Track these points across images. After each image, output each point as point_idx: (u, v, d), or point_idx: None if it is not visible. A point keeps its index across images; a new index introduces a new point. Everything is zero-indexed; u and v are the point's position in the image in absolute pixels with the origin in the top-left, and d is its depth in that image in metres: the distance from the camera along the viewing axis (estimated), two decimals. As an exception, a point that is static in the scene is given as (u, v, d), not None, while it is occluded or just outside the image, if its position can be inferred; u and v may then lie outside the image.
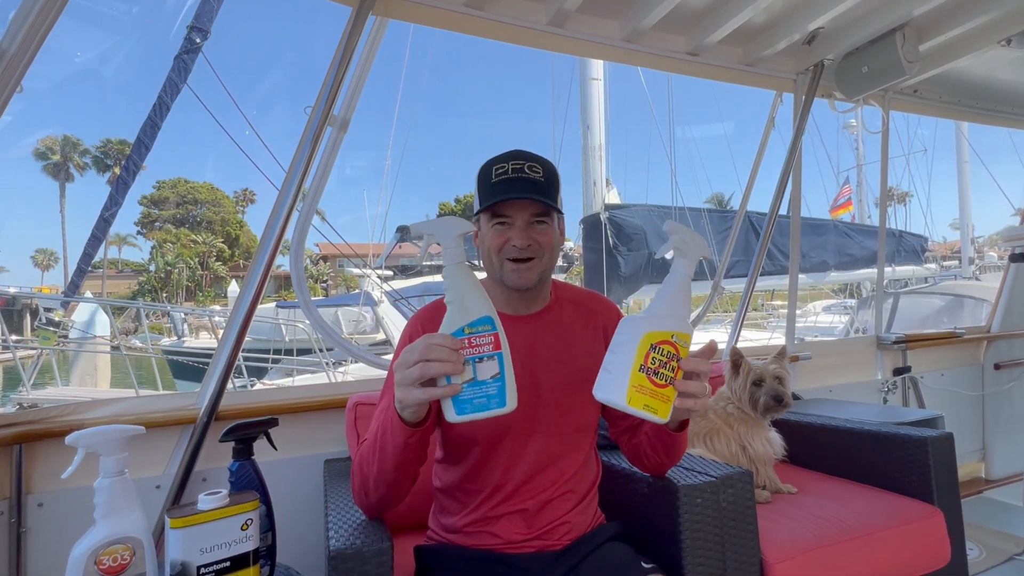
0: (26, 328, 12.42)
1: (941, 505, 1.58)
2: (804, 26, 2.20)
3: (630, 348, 0.83)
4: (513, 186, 1.04)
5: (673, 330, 0.84)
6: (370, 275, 7.74)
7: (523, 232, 1.06)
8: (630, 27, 2.11)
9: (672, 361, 0.84)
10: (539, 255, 1.08)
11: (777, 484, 1.72)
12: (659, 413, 0.84)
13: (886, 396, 3.01)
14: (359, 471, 1.01)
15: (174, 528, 0.86)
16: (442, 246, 0.86)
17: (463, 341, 0.83)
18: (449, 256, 0.85)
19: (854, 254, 8.58)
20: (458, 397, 0.82)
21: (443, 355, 0.81)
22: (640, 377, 0.83)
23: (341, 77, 1.75)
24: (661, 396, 0.84)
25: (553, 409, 1.11)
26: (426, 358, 0.81)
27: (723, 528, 1.21)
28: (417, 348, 0.82)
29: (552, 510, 1.11)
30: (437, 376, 0.81)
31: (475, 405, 0.83)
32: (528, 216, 1.07)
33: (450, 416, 0.83)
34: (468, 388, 0.82)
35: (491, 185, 1.06)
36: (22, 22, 1.28)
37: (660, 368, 0.83)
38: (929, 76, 2.63)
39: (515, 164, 1.07)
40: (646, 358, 0.83)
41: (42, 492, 1.48)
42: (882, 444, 1.72)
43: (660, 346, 0.83)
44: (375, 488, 1.00)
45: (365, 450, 0.99)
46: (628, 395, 0.82)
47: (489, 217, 1.08)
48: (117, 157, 43.06)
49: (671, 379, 0.84)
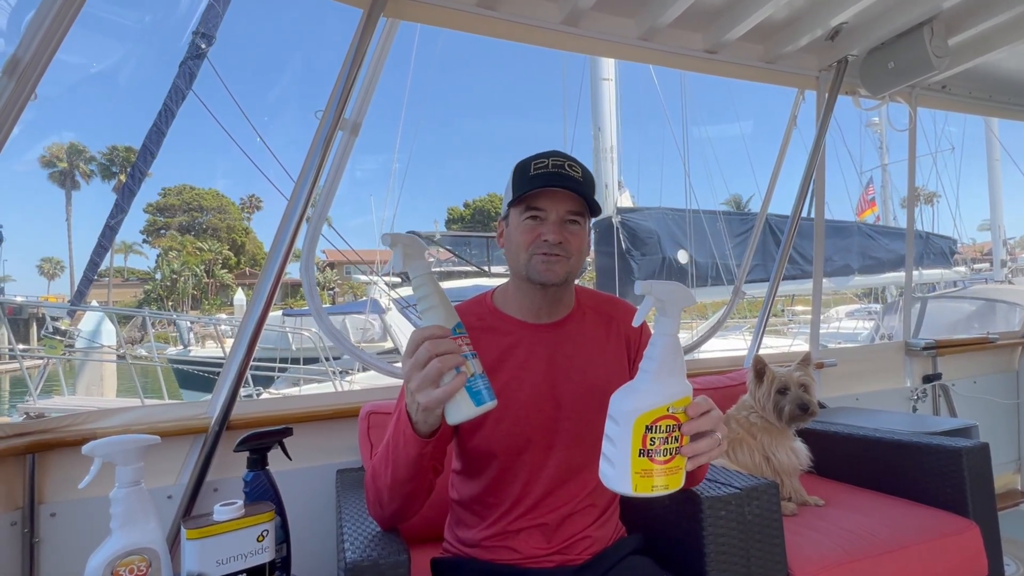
0: (32, 337, 12.61)
1: (976, 518, 1.56)
2: (827, 21, 2.19)
3: (624, 435, 0.78)
4: (551, 179, 1.05)
5: (667, 402, 0.79)
6: (377, 282, 7.78)
7: (557, 227, 1.06)
8: (646, 25, 2.12)
9: (673, 433, 0.79)
10: (568, 254, 1.08)
11: (803, 496, 1.71)
12: (671, 486, 0.79)
13: (915, 404, 2.97)
14: (372, 483, 1.02)
15: (191, 539, 0.87)
16: (412, 256, 0.86)
17: (458, 339, 0.83)
18: (424, 267, 0.86)
19: (879, 257, 8.49)
20: (470, 388, 0.82)
21: (451, 347, 0.81)
22: (642, 463, 0.78)
23: (352, 80, 1.77)
24: (668, 471, 0.79)
25: (574, 421, 1.11)
26: (438, 352, 0.80)
27: (748, 542, 1.20)
28: (424, 346, 0.80)
29: (572, 524, 1.11)
30: (453, 367, 0.81)
31: (484, 395, 0.83)
32: (563, 212, 1.06)
33: (465, 412, 0.82)
34: (473, 380, 0.82)
35: (529, 177, 1.06)
36: (36, 30, 1.31)
37: (661, 446, 0.78)
38: (958, 71, 2.60)
39: (555, 160, 1.07)
40: (644, 441, 0.78)
41: (55, 502, 1.50)
42: (913, 455, 1.70)
43: (656, 424, 0.78)
44: (389, 500, 1.00)
45: (378, 462, 0.99)
46: (633, 483, 0.78)
47: (522, 211, 1.08)
48: (123, 164, 43.74)
49: (676, 450, 0.79)
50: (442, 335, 0.81)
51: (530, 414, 1.09)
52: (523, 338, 1.13)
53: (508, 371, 1.10)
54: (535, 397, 1.10)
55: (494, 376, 1.09)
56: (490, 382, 0.85)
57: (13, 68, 1.30)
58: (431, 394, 0.81)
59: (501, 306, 1.17)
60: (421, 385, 0.81)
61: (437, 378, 0.80)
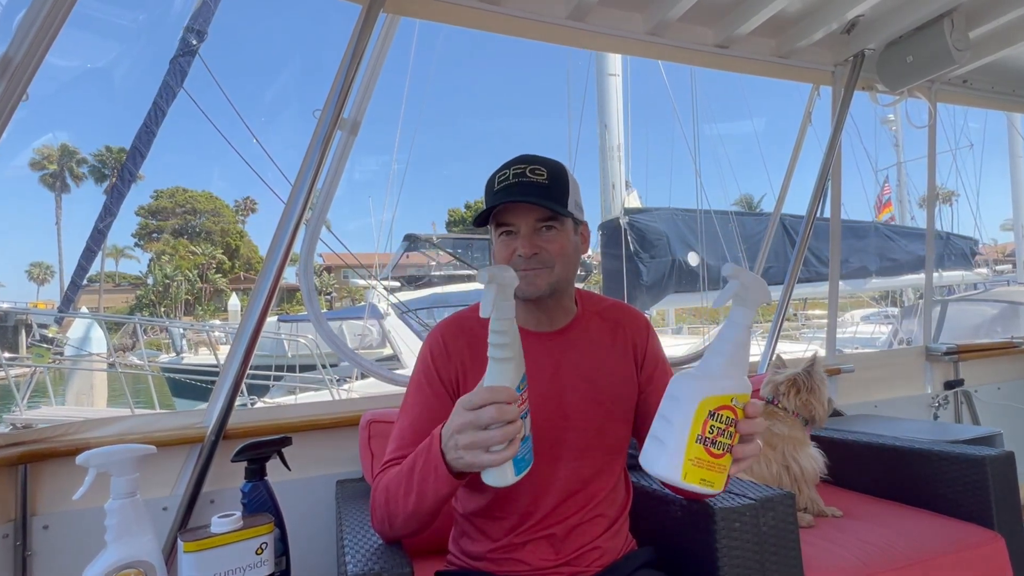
0: (21, 345, 12.67)
1: (1002, 530, 1.55)
2: (843, 14, 2.19)
3: (686, 416, 0.77)
4: (512, 191, 1.05)
5: (733, 392, 0.78)
6: (376, 286, 7.78)
7: (528, 239, 1.06)
8: (655, 19, 2.13)
9: (730, 427, 0.78)
10: (548, 263, 1.07)
11: (821, 506, 1.70)
12: (715, 485, 0.78)
13: (937, 412, 2.96)
14: (385, 505, 1.00)
15: (188, 552, 0.87)
16: (504, 297, 0.81)
17: (520, 398, 0.81)
18: (509, 309, 0.82)
19: (897, 258, 8.46)
20: (517, 456, 0.81)
21: (514, 415, 0.79)
22: (697, 449, 0.77)
23: (351, 78, 1.78)
24: (718, 467, 0.78)
25: (582, 431, 1.11)
26: (502, 419, 0.78)
27: (764, 554, 1.19)
28: (490, 410, 0.79)
29: (581, 535, 1.11)
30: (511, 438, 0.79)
31: (526, 462, 0.83)
32: (532, 222, 1.06)
33: (505, 479, 0.81)
34: (522, 445, 0.81)
35: (493, 193, 1.07)
36: (27, 29, 1.33)
37: (719, 437, 0.77)
38: (980, 65, 2.60)
39: (516, 169, 1.07)
40: (704, 427, 0.77)
41: (47, 514, 1.51)
42: (935, 464, 1.70)
43: (719, 412, 0.77)
44: (404, 524, 0.99)
45: (396, 488, 0.97)
46: (684, 470, 0.76)
47: (495, 228, 1.09)
48: (115, 166, 43.95)
49: (729, 446, 0.79)
50: (511, 400, 0.79)
51: (536, 425, 1.09)
52: (527, 347, 1.12)
53: None
54: (541, 408, 1.10)
55: None
56: None
57: (4, 68, 1.32)
58: (480, 457, 0.80)
59: None
60: (472, 446, 0.80)
61: (498, 444, 0.79)
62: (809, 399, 1.78)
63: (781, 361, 1.95)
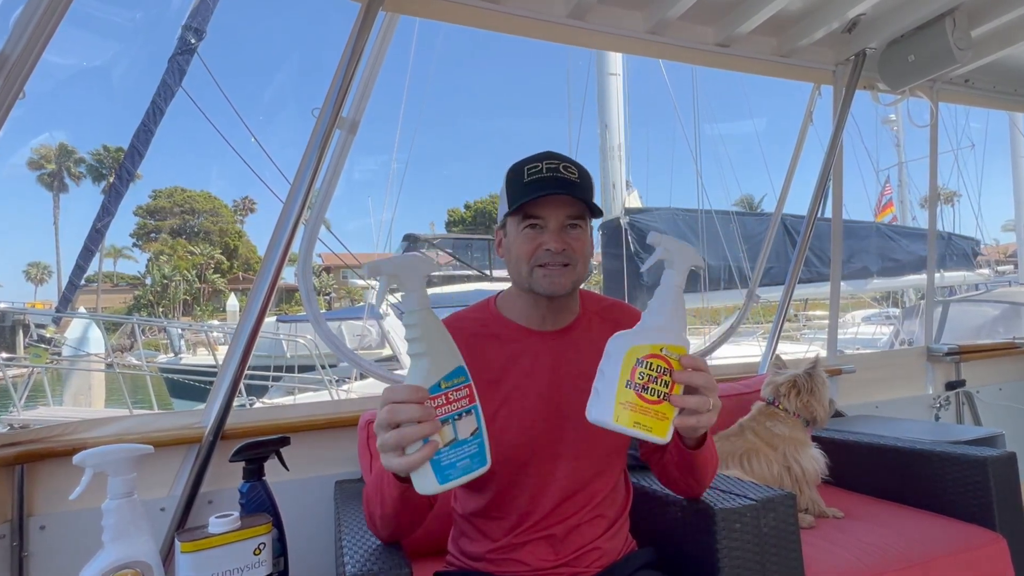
0: (18, 345, 12.68)
1: (1004, 531, 1.55)
2: (844, 13, 2.19)
3: (615, 364, 0.83)
4: (547, 185, 1.04)
5: (662, 343, 0.83)
6: (375, 287, 7.78)
7: (558, 235, 1.05)
8: (655, 18, 2.13)
9: (664, 376, 0.83)
10: (573, 261, 1.07)
11: (822, 507, 1.70)
12: (654, 431, 0.82)
13: (938, 412, 2.97)
14: (367, 506, 1.03)
15: (185, 552, 0.87)
16: (406, 288, 0.79)
17: (440, 397, 0.78)
18: (416, 300, 0.79)
19: (899, 259, 8.46)
20: (439, 462, 0.77)
21: (416, 414, 0.77)
22: (627, 393, 0.82)
23: (350, 77, 1.78)
24: (654, 412, 0.82)
25: (581, 431, 1.10)
26: (397, 420, 0.77)
27: (764, 555, 1.19)
28: (385, 410, 0.77)
29: (581, 535, 1.11)
30: (419, 439, 0.77)
31: (459, 469, 0.78)
32: (563, 218, 1.06)
33: (428, 487, 0.78)
34: (449, 450, 0.78)
35: (524, 185, 1.05)
36: (24, 26, 1.33)
37: (649, 383, 0.82)
38: (982, 64, 2.60)
39: (549, 164, 1.06)
40: (632, 373, 0.82)
41: (44, 514, 1.51)
42: (936, 464, 1.70)
43: (648, 360, 0.82)
44: (383, 526, 1.02)
45: (370, 488, 1.00)
46: (615, 412, 0.81)
47: (520, 220, 1.07)
48: (113, 166, 43.93)
49: (665, 394, 0.83)
50: (412, 399, 0.77)
51: (535, 424, 1.09)
52: (528, 346, 1.13)
53: (512, 380, 1.10)
54: (540, 407, 1.10)
55: (498, 385, 1.09)
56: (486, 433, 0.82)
57: (0, 66, 1.31)
58: (392, 461, 0.79)
59: (505, 312, 1.17)
60: (383, 449, 0.80)
61: (398, 447, 0.78)
62: (810, 400, 1.78)
63: (781, 362, 1.95)
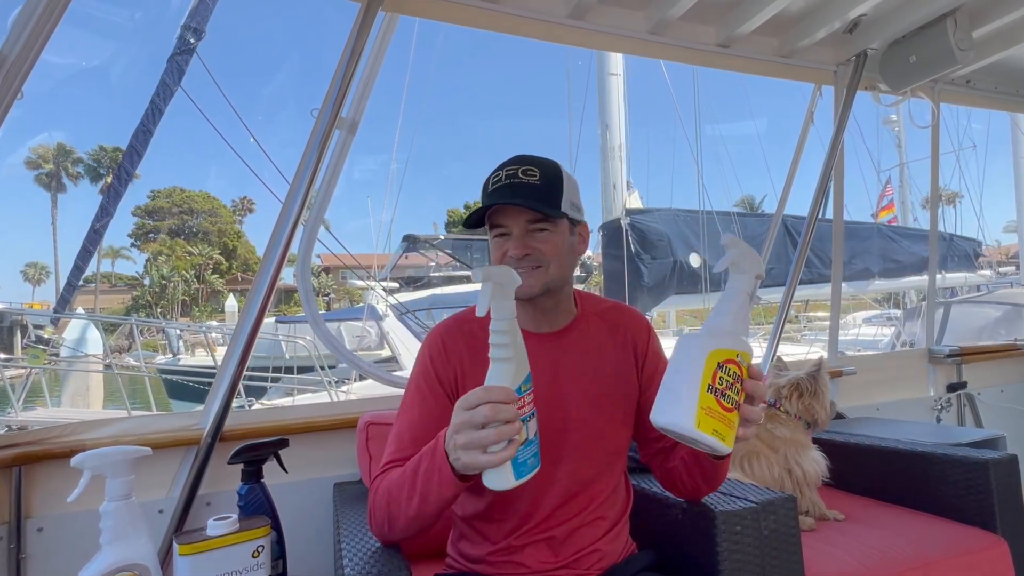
0: (16, 346, 12.67)
1: (1005, 534, 1.55)
2: (845, 13, 2.19)
3: (696, 366, 0.80)
4: (504, 193, 1.06)
5: (739, 348, 0.82)
6: (375, 287, 7.79)
7: (519, 241, 1.07)
8: (656, 18, 2.13)
9: (737, 383, 0.81)
10: (543, 263, 1.08)
11: (822, 510, 1.70)
12: (726, 440, 0.80)
13: (939, 414, 2.97)
14: (386, 507, 1.00)
15: (183, 555, 0.87)
16: (504, 296, 0.82)
17: (520, 400, 0.81)
18: (510, 309, 0.82)
19: (900, 260, 8.48)
20: (516, 459, 0.80)
21: (511, 415, 0.79)
22: (709, 398, 0.79)
23: (349, 77, 1.78)
24: (728, 421, 0.80)
25: (583, 432, 1.11)
26: (498, 419, 0.78)
27: (765, 558, 1.19)
28: (484, 409, 0.79)
29: (581, 538, 1.11)
30: (505, 440, 0.79)
31: (528, 467, 0.82)
32: (524, 223, 1.07)
33: (505, 483, 0.80)
34: (523, 449, 0.81)
35: (487, 194, 1.09)
36: (22, 27, 1.33)
37: (727, 389, 0.80)
38: (983, 65, 2.60)
39: (509, 170, 1.08)
40: (714, 377, 0.79)
41: (42, 516, 1.50)
42: (937, 467, 1.70)
43: (727, 365, 0.80)
44: (405, 527, 0.99)
45: (398, 490, 0.97)
46: (697, 418, 0.78)
47: (489, 229, 1.11)
48: (110, 166, 43.93)
49: (737, 403, 0.81)
50: (508, 400, 0.79)
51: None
52: (527, 348, 1.13)
53: None
54: (541, 409, 1.09)
55: None
56: None
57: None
58: (477, 458, 0.80)
59: None
60: (468, 446, 0.81)
61: (492, 444, 0.79)
62: (812, 403, 1.78)
63: (782, 363, 1.94)
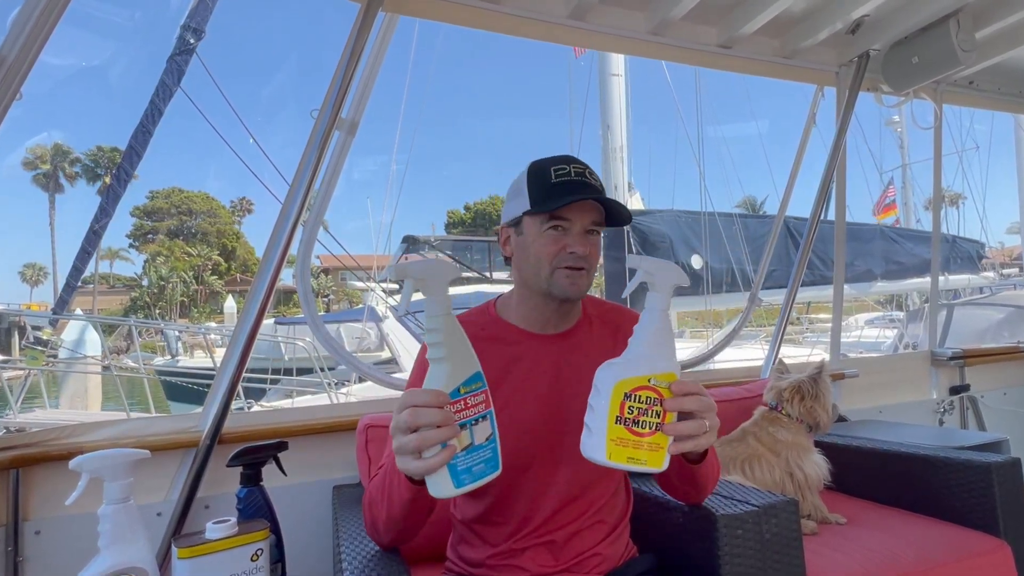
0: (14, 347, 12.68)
1: (1008, 538, 1.55)
2: (847, 14, 2.19)
3: (603, 400, 0.82)
4: (578, 188, 1.06)
5: (649, 374, 0.82)
6: (374, 289, 7.79)
7: (582, 238, 1.08)
8: (657, 18, 2.13)
9: (655, 407, 0.82)
10: (589, 267, 1.09)
11: (824, 513, 1.70)
12: (649, 463, 0.81)
13: (942, 417, 2.96)
14: (369, 510, 1.02)
15: (182, 558, 0.87)
16: (430, 292, 0.81)
17: (460, 402, 0.80)
18: (440, 305, 0.81)
19: (903, 262, 8.47)
20: (455, 467, 0.79)
21: (437, 418, 0.77)
22: (618, 430, 0.80)
23: (349, 77, 1.78)
24: (648, 445, 0.81)
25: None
26: (418, 423, 0.77)
27: (766, 562, 1.19)
28: (405, 413, 0.78)
29: (581, 541, 1.11)
30: (434, 445, 0.77)
31: (474, 473, 0.80)
32: (588, 222, 1.08)
33: (445, 491, 0.79)
34: (466, 455, 0.80)
35: (552, 185, 1.07)
36: (21, 28, 1.33)
37: (640, 416, 0.81)
38: (986, 66, 2.60)
39: (576, 167, 1.09)
40: (621, 408, 0.81)
41: (40, 519, 1.50)
42: (940, 470, 1.70)
43: (635, 393, 0.81)
44: (385, 530, 1.01)
45: (374, 491, 0.99)
46: (608, 450, 0.80)
47: (543, 220, 1.08)
48: (108, 166, 43.93)
49: (658, 425, 0.82)
50: (433, 403, 0.78)
51: (535, 428, 1.09)
52: (529, 349, 1.14)
53: (513, 383, 1.11)
54: (541, 410, 1.10)
55: (497, 388, 1.09)
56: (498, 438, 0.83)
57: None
58: (408, 464, 0.79)
59: (505, 316, 1.18)
60: (399, 451, 0.80)
61: (416, 450, 0.78)
62: (813, 406, 1.78)
63: (784, 366, 1.95)
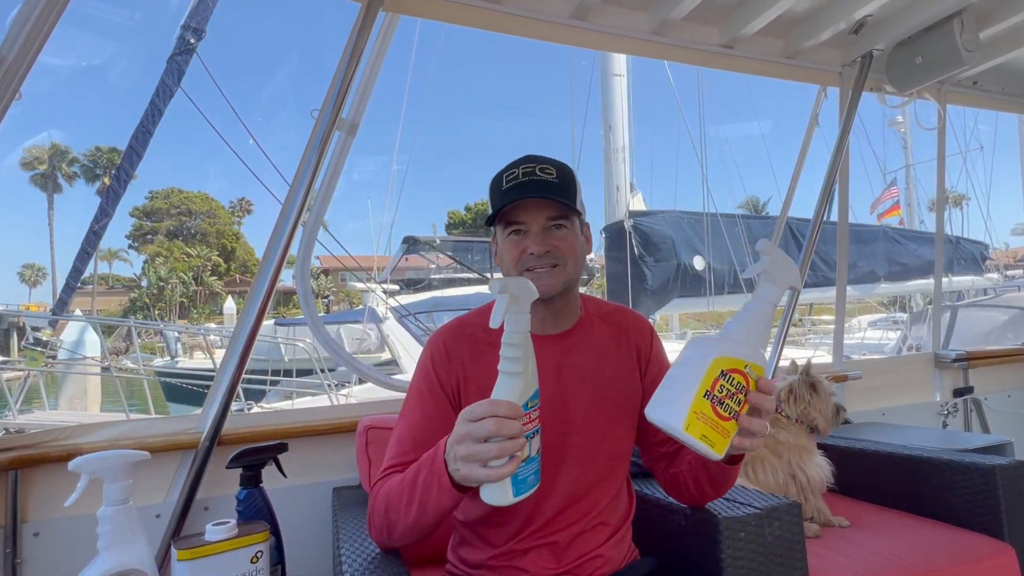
0: (13, 348, 12.69)
1: (1012, 541, 1.55)
2: (850, 14, 2.20)
3: (697, 369, 0.80)
4: (525, 189, 1.06)
5: (747, 359, 0.81)
6: (375, 289, 7.79)
7: (540, 237, 1.07)
8: (659, 18, 2.13)
9: (740, 393, 0.81)
10: (561, 261, 1.08)
11: (827, 516, 1.70)
12: (716, 447, 0.80)
13: (946, 420, 2.96)
14: (385, 514, 1.00)
15: (181, 560, 0.87)
16: (519, 310, 0.81)
17: (525, 416, 0.81)
18: (525, 323, 0.82)
19: (906, 263, 8.46)
20: (516, 476, 0.80)
21: (514, 431, 0.78)
22: (703, 404, 0.79)
23: (350, 78, 1.78)
24: (721, 429, 0.80)
25: (585, 436, 1.11)
26: (501, 433, 0.78)
27: (769, 565, 1.19)
28: (487, 423, 0.78)
29: (583, 543, 1.11)
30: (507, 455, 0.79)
31: (528, 484, 0.82)
32: (544, 220, 1.08)
33: (503, 499, 0.80)
34: (524, 466, 0.81)
35: (502, 192, 1.08)
36: (21, 28, 1.33)
37: (726, 398, 0.80)
38: (990, 66, 2.60)
39: (526, 168, 1.08)
40: (713, 384, 0.80)
41: (39, 520, 1.50)
42: (944, 473, 1.69)
43: (731, 374, 0.80)
44: (403, 535, 1.00)
45: (397, 497, 0.97)
46: (687, 420, 0.79)
47: (504, 228, 1.10)
48: (107, 166, 43.96)
49: (736, 413, 0.81)
50: (513, 415, 0.79)
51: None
52: None
53: None
54: (544, 411, 1.10)
55: None
56: None
57: (-3, 66, 1.32)
58: (476, 471, 0.80)
59: None
60: (469, 458, 0.80)
61: (494, 459, 0.79)
62: (807, 408, 1.77)
63: (795, 367, 1.93)
